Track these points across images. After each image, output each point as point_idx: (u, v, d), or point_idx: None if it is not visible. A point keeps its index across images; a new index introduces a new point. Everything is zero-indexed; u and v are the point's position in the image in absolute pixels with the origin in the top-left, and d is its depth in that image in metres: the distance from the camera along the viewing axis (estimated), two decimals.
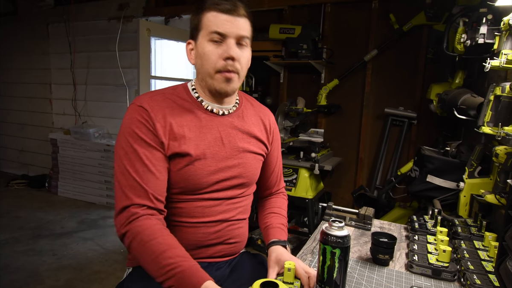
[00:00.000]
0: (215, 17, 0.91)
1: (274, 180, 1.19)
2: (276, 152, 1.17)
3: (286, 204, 1.22)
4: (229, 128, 1.01)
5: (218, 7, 0.91)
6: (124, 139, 0.90)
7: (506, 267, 0.78)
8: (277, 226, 1.07)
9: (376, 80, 3.01)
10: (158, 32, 3.43)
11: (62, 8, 4.12)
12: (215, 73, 0.94)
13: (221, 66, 0.92)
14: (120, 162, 0.89)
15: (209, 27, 0.92)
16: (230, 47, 0.91)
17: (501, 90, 1.21)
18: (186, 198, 0.96)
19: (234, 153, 1.01)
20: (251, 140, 1.06)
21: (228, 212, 1.02)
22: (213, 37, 0.91)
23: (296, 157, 2.84)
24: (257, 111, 1.11)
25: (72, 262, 2.58)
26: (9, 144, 4.96)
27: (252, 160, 1.05)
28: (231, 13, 0.91)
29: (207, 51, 0.92)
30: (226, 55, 0.91)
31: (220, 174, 0.98)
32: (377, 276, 0.92)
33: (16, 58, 4.69)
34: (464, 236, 1.13)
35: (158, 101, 0.95)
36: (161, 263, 0.78)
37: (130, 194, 0.86)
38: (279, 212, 1.14)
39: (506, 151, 1.16)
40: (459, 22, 1.67)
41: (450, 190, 1.65)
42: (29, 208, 3.66)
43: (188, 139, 0.94)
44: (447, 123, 2.58)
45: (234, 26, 0.91)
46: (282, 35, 3.05)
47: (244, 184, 1.05)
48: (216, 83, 0.95)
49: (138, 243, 0.82)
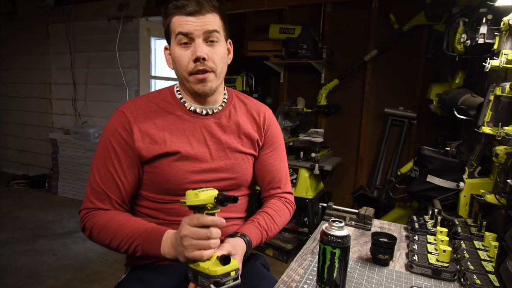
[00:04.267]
0: (177, 19, 0.92)
1: (272, 182, 1.11)
2: (271, 148, 1.10)
3: (285, 210, 1.11)
4: (213, 128, 1.00)
5: (182, 11, 0.90)
6: (101, 144, 0.97)
7: (506, 267, 0.78)
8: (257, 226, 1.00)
9: (376, 80, 3.01)
10: (158, 32, 3.44)
11: (62, 8, 4.12)
12: (188, 75, 0.94)
13: (192, 68, 0.92)
14: (93, 164, 0.96)
15: (175, 30, 0.92)
16: (197, 47, 0.91)
17: (501, 90, 1.21)
18: (174, 199, 0.96)
19: (220, 153, 1.00)
20: (240, 139, 1.04)
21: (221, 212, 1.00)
22: (180, 40, 0.92)
23: (296, 157, 2.84)
24: (249, 109, 1.08)
25: (72, 262, 2.58)
26: (9, 143, 4.96)
27: (241, 160, 1.03)
28: (192, 14, 0.90)
29: (178, 55, 0.93)
30: (194, 56, 0.91)
31: (205, 175, 0.98)
32: (377, 276, 0.92)
33: (16, 58, 4.69)
34: (464, 236, 1.13)
35: (140, 105, 0.97)
36: (123, 234, 0.87)
37: (93, 198, 0.95)
38: (269, 212, 1.05)
39: (506, 151, 1.16)
40: (459, 22, 1.67)
41: (450, 190, 1.65)
42: (29, 208, 3.66)
43: (169, 142, 0.95)
44: (447, 123, 2.58)
45: (198, 24, 0.90)
46: (282, 35, 3.05)
47: (234, 186, 1.03)
48: (193, 85, 0.95)
49: (96, 230, 0.90)
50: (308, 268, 0.95)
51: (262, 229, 1.01)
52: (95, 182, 0.94)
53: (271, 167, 1.11)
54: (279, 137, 1.13)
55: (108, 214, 0.92)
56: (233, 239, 0.92)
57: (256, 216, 1.05)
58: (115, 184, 0.94)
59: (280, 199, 1.13)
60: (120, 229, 0.88)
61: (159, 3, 3.78)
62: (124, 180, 0.94)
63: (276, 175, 1.12)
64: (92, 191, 0.95)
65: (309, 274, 0.92)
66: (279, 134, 1.14)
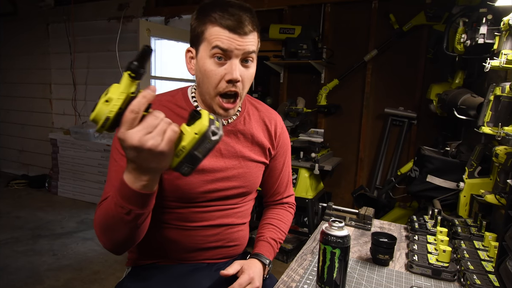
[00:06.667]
0: (217, 31, 0.84)
1: (279, 187, 1.14)
2: (282, 157, 1.10)
3: (290, 216, 1.15)
4: (228, 137, 0.99)
5: (222, 23, 0.83)
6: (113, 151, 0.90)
7: (506, 267, 0.78)
8: (267, 240, 1.04)
9: (376, 80, 3.01)
10: (158, 32, 3.43)
11: (62, 8, 4.12)
12: (215, 95, 0.88)
13: (223, 88, 0.87)
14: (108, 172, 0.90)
15: (211, 41, 0.84)
16: (235, 68, 0.85)
17: (501, 90, 1.21)
18: (184, 205, 0.95)
19: (233, 162, 0.99)
20: (253, 147, 1.02)
21: (227, 218, 1.01)
22: (215, 53, 0.84)
23: (296, 157, 2.84)
24: (261, 116, 1.06)
25: (72, 262, 2.58)
26: (9, 144, 4.95)
27: (253, 169, 1.03)
28: (236, 31, 0.83)
29: (208, 70, 0.86)
30: (229, 77, 0.85)
31: (217, 184, 0.96)
32: (377, 276, 0.92)
33: (16, 58, 4.69)
34: (464, 236, 1.13)
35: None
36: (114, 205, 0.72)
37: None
38: (277, 225, 1.10)
39: (506, 151, 1.16)
40: (459, 22, 1.67)
41: (450, 190, 1.65)
42: (29, 208, 3.66)
43: None
44: (447, 123, 2.58)
45: (240, 43, 0.84)
46: (282, 35, 3.05)
47: (244, 193, 1.03)
48: (215, 107, 0.90)
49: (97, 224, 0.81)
50: (308, 268, 0.95)
51: (272, 241, 1.05)
52: (108, 188, 0.89)
53: (280, 174, 1.12)
54: (288, 144, 1.13)
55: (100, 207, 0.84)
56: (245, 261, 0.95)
57: (263, 231, 1.08)
58: None
59: (283, 205, 1.16)
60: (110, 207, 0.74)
61: (159, 3, 3.78)
62: None
63: (283, 181, 1.14)
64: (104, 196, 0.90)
65: (309, 274, 0.92)
66: (288, 141, 1.14)
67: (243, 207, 1.05)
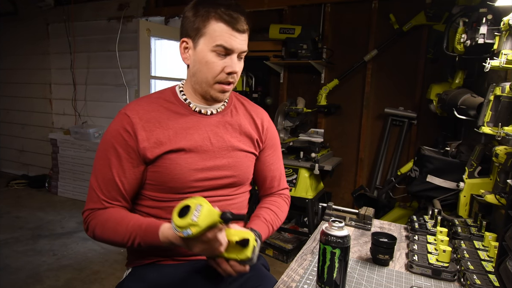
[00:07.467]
0: (221, 29, 0.91)
1: (273, 181, 1.16)
2: (271, 150, 1.14)
3: (285, 206, 1.17)
4: (217, 127, 1.03)
5: (224, 18, 0.91)
6: (102, 146, 0.96)
7: (506, 267, 0.78)
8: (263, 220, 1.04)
9: (376, 80, 3.01)
10: (158, 32, 3.43)
11: (62, 8, 4.12)
12: (214, 83, 0.96)
13: (223, 78, 0.96)
14: (95, 166, 0.96)
15: (215, 39, 0.92)
16: (235, 62, 0.95)
17: (501, 90, 1.21)
18: (177, 197, 0.96)
19: (223, 152, 1.02)
20: (241, 138, 1.06)
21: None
22: (218, 50, 0.93)
23: (296, 157, 2.84)
24: (248, 110, 1.12)
25: (72, 262, 2.58)
26: (9, 144, 4.96)
27: (243, 159, 1.06)
28: (235, 27, 0.92)
29: (211, 62, 0.94)
30: (230, 70, 0.95)
31: (208, 173, 0.99)
32: (377, 276, 0.92)
33: (16, 58, 4.69)
34: (464, 236, 1.13)
35: (143, 106, 0.98)
36: (121, 233, 0.89)
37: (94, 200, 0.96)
38: (272, 209, 1.10)
39: (506, 151, 1.16)
40: (459, 22, 1.67)
41: (450, 190, 1.65)
42: (29, 208, 3.66)
43: (174, 140, 0.96)
44: (447, 123, 2.58)
45: (239, 43, 0.94)
46: (282, 35, 3.05)
47: (236, 183, 1.05)
48: (213, 92, 0.98)
49: (98, 230, 0.93)
50: (308, 268, 0.95)
51: (268, 223, 1.05)
52: (96, 183, 0.95)
53: (272, 166, 1.15)
54: (276, 137, 1.18)
55: (107, 212, 0.93)
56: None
57: (260, 212, 1.09)
58: (115, 185, 0.94)
59: (280, 196, 1.18)
60: (118, 228, 0.90)
61: (159, 3, 3.78)
62: (124, 180, 0.95)
63: (276, 174, 1.17)
64: (93, 192, 0.95)
65: (309, 274, 0.92)
66: (276, 134, 1.19)
67: (237, 199, 1.07)
